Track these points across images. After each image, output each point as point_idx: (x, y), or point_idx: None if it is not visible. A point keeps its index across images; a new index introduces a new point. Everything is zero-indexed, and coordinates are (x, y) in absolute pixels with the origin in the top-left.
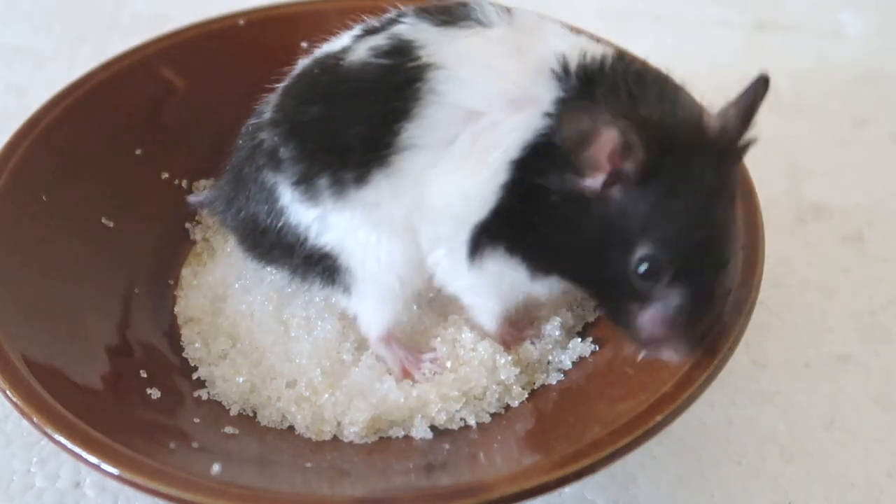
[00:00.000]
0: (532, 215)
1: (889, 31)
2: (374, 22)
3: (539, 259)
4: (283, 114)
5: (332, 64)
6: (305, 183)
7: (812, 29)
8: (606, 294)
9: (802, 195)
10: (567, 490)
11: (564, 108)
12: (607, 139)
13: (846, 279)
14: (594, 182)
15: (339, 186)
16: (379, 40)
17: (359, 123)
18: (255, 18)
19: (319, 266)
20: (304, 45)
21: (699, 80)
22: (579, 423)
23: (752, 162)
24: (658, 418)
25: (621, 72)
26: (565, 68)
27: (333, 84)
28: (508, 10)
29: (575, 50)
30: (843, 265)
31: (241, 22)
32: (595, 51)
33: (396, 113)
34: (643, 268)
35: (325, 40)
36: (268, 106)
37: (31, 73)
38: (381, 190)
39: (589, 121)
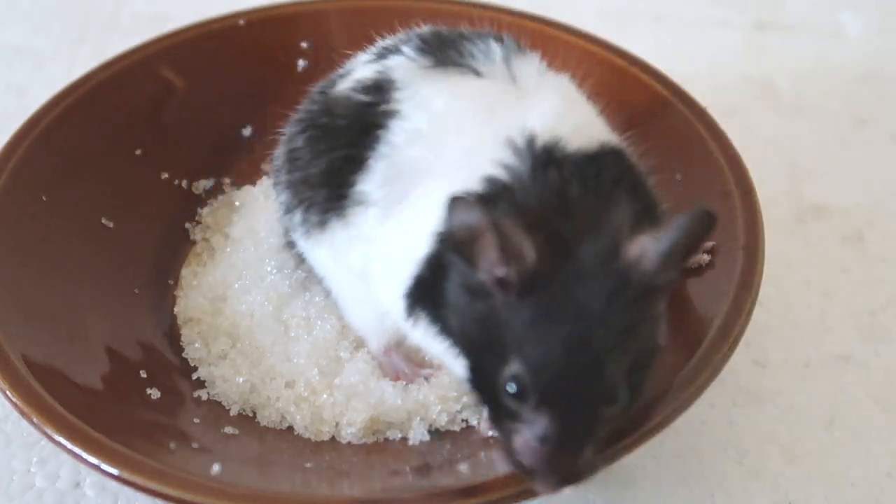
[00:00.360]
0: (443, 294)
1: (889, 31)
2: (391, 40)
3: (449, 338)
4: (288, 136)
5: (325, 91)
6: (289, 213)
7: (812, 29)
8: (488, 401)
9: (802, 195)
10: (568, 490)
11: (455, 197)
12: (489, 241)
13: (846, 279)
14: (486, 278)
15: (308, 225)
16: (369, 71)
17: (325, 164)
18: (255, 18)
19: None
20: (304, 45)
21: (699, 81)
22: None
23: (752, 162)
24: (658, 418)
25: (577, 170)
26: (523, 147)
27: (316, 115)
28: (521, 56)
29: (549, 132)
30: (843, 265)
31: (241, 22)
32: (570, 137)
33: (354, 161)
34: (511, 386)
35: (325, 41)
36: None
37: (31, 73)
38: (338, 237)
39: (474, 217)
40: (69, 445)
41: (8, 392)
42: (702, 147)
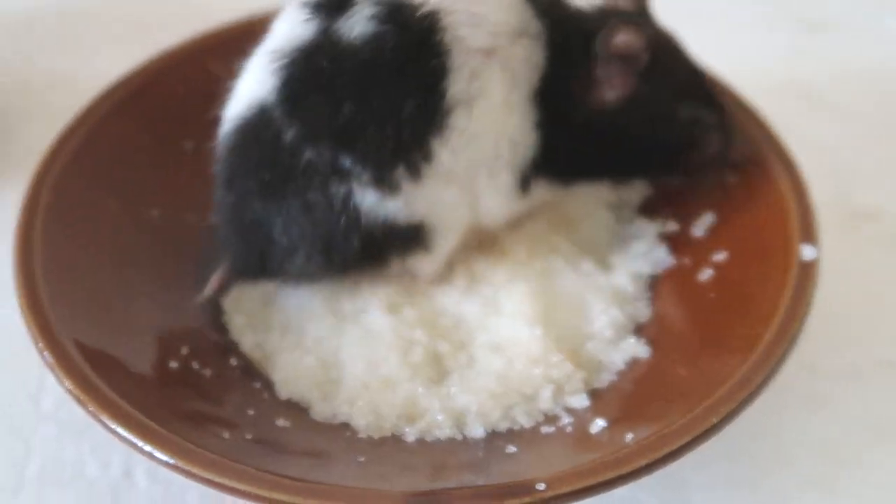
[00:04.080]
0: (574, 139)
1: None
2: None
3: (591, 170)
4: (318, 125)
5: (335, 50)
6: (383, 180)
7: (857, 31)
8: (662, 158)
9: (851, 199)
10: (618, 491)
11: (613, 22)
12: (636, 44)
13: None
14: (622, 80)
15: (414, 169)
16: (365, 9)
17: (407, 100)
18: None
19: (400, 241)
20: None
21: (743, 82)
22: (632, 423)
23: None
24: (714, 420)
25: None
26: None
27: (359, 69)
28: None
29: None
30: (894, 270)
31: None
32: None
33: (434, 73)
34: (693, 121)
35: None
36: (260, 132)
37: (82, 65)
38: (443, 158)
39: (628, 32)
40: (125, 434)
41: (63, 379)
42: (754, 149)
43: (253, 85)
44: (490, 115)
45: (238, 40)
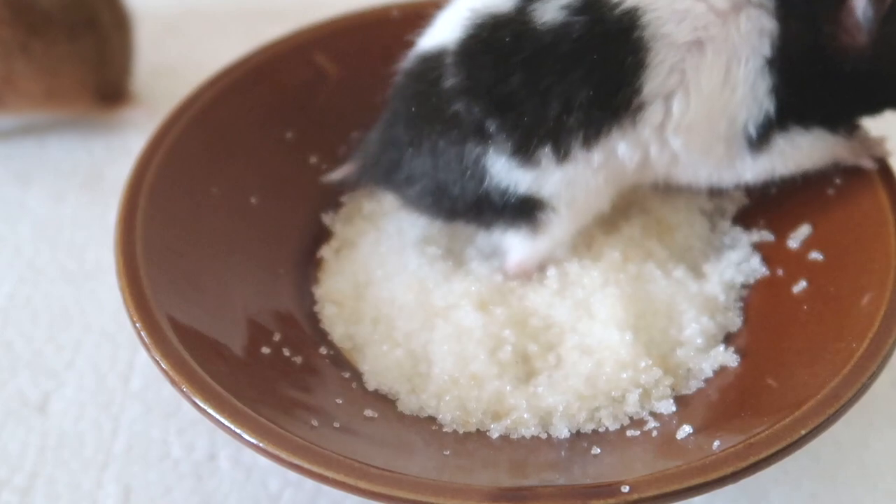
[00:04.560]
0: (823, 88)
1: None
2: None
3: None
4: (480, 85)
5: (522, 29)
6: (523, 153)
7: None
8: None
9: None
10: (698, 500)
11: None
12: None
13: None
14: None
15: (564, 151)
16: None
17: (583, 86)
18: (409, 11)
19: (514, 212)
20: None
21: None
22: (718, 431)
23: None
24: (802, 432)
25: None
26: None
27: (537, 50)
28: None
29: None
30: None
31: (395, 13)
32: None
33: (628, 68)
34: None
35: None
36: (430, 69)
37: (187, 53)
38: (616, 146)
39: None
40: (215, 415)
41: (158, 359)
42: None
43: (445, 29)
44: (699, 102)
45: (342, 34)
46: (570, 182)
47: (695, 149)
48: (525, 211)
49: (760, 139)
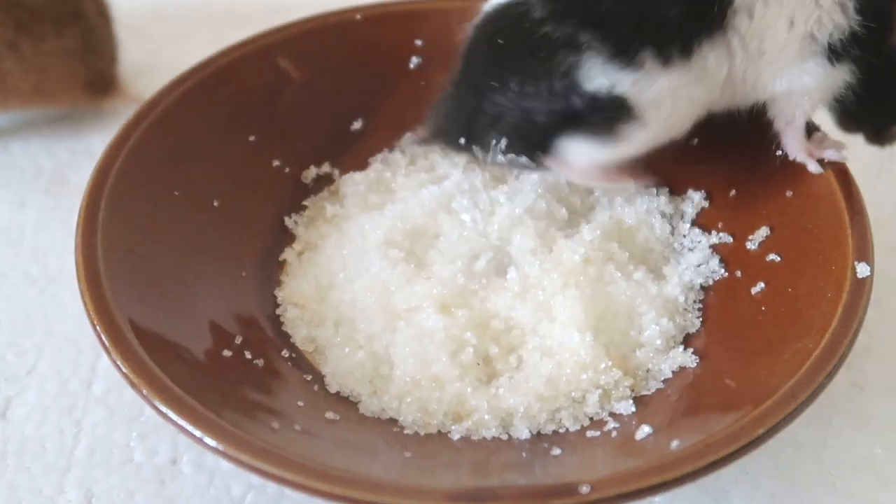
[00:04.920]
0: None
1: None
2: None
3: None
4: (569, 8)
5: None
6: (623, 55)
7: None
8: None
9: None
10: (658, 499)
11: None
12: None
13: None
14: None
15: (664, 58)
16: None
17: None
18: (373, 14)
19: (594, 122)
20: (418, 42)
21: None
22: (677, 431)
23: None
24: (760, 431)
25: None
26: None
27: None
28: None
29: None
30: None
31: (359, 17)
32: None
33: None
34: None
35: (440, 40)
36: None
37: (154, 55)
38: (708, 57)
39: None
40: (175, 418)
41: (118, 362)
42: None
43: None
44: (778, 11)
45: (305, 37)
46: (672, 91)
47: (772, 49)
48: (609, 119)
49: (834, 55)
